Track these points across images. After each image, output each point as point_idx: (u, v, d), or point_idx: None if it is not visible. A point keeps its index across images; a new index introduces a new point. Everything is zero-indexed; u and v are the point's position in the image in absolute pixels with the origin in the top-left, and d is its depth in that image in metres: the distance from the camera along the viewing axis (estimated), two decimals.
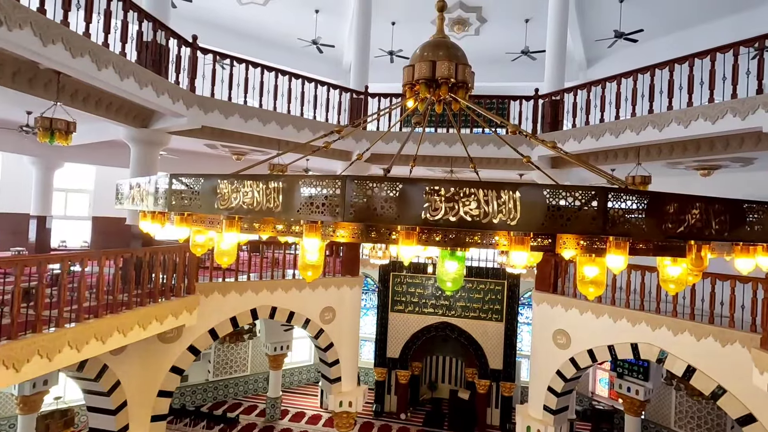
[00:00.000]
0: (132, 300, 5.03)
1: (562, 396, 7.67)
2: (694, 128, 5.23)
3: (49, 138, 4.36)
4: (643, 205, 1.35)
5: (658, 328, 6.26)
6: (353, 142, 7.92)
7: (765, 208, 1.51)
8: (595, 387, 12.82)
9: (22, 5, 3.47)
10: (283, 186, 1.43)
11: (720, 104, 5.04)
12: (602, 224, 1.30)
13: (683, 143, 6.10)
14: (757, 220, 1.51)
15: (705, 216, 1.42)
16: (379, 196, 1.33)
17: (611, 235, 1.37)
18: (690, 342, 5.91)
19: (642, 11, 9.24)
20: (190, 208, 1.65)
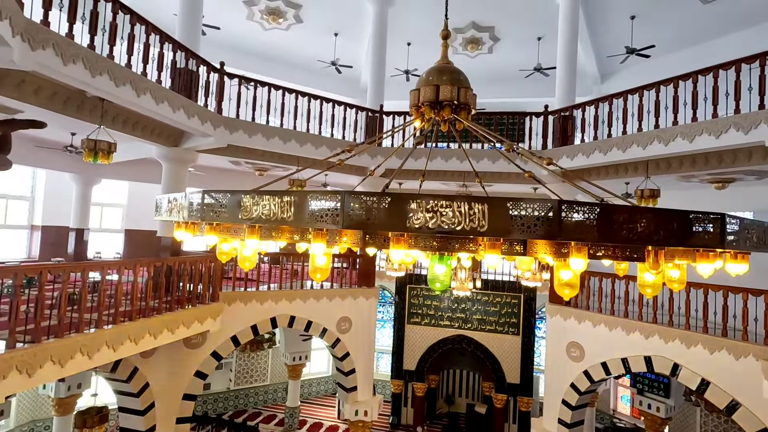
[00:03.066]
0: (162, 306, 5.44)
1: (576, 409, 7.66)
2: (699, 143, 5.35)
3: (92, 157, 4.85)
4: (594, 216, 1.59)
5: (671, 341, 6.26)
6: (368, 158, 8.27)
7: (710, 218, 1.72)
8: (617, 404, 12.56)
9: (76, 43, 3.98)
10: (295, 200, 1.74)
11: (723, 119, 5.16)
12: (558, 231, 1.55)
13: (692, 157, 6.19)
14: (704, 229, 1.72)
15: (653, 225, 1.64)
16: (372, 208, 1.62)
17: (566, 240, 1.61)
18: (703, 355, 5.90)
19: (653, 27, 9.38)
20: (218, 218, 1.97)
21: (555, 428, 7.72)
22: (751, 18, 8.65)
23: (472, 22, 10.43)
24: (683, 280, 2.22)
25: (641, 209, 1.65)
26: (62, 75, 3.90)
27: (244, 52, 11.55)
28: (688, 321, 6.22)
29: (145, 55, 5.12)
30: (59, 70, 3.83)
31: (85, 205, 10.04)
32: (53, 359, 3.83)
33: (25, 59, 3.49)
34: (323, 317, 8.46)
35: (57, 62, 3.78)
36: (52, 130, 6.95)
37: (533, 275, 5.27)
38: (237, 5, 10.04)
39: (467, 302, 12.18)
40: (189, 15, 7.25)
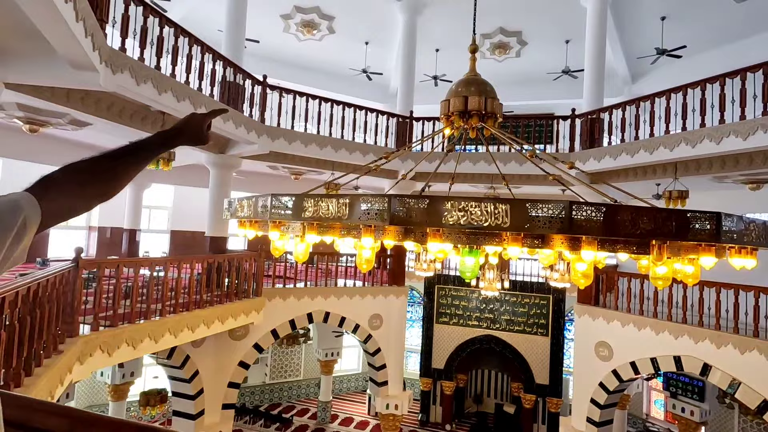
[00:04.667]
0: (213, 299, 5.99)
1: (605, 408, 7.74)
2: (726, 144, 5.42)
3: (155, 165, 5.45)
4: (600, 214, 1.90)
5: (700, 341, 6.30)
6: (399, 162, 8.64)
7: (706, 216, 1.98)
8: (650, 409, 12.38)
9: (146, 66, 4.55)
10: (349, 201, 2.13)
11: (750, 121, 5.22)
12: (569, 227, 1.87)
13: (721, 158, 6.22)
14: (701, 226, 1.99)
15: (653, 222, 1.93)
16: (413, 208, 1.99)
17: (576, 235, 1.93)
18: (734, 355, 5.93)
19: (684, 27, 9.32)
20: (284, 217, 2.39)
21: (584, 426, 7.83)
22: None
23: (499, 27, 10.64)
24: (697, 275, 2.47)
25: (642, 209, 1.94)
26: (135, 94, 4.48)
27: (280, 62, 12.19)
28: (718, 321, 6.25)
29: (200, 72, 5.69)
30: (133, 90, 4.40)
31: (137, 208, 10.89)
32: (128, 342, 4.39)
33: (108, 82, 4.07)
34: (356, 314, 8.88)
35: (132, 83, 4.35)
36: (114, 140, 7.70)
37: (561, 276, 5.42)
38: (274, 19, 10.65)
39: (495, 303, 12.32)
40: (234, 31, 7.85)
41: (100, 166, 0.90)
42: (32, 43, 3.32)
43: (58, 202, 0.82)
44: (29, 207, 0.73)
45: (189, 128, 1.10)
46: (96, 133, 7.13)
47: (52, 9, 2.66)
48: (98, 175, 0.90)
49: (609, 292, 8.07)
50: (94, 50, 3.62)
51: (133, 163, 0.97)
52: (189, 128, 1.10)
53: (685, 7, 9.00)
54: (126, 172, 0.95)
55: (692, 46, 9.39)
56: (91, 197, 0.91)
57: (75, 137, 7.56)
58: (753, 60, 7.15)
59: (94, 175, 0.89)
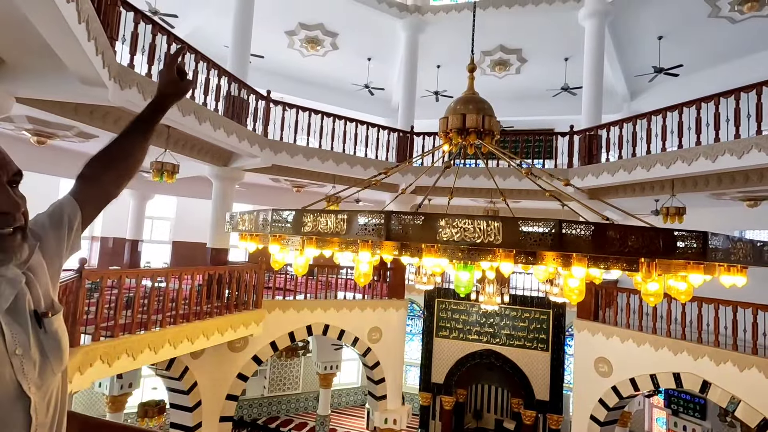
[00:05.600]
0: (213, 310, 6.03)
1: (606, 426, 7.69)
2: (722, 162, 5.50)
3: (159, 177, 5.55)
4: (589, 232, 1.96)
5: (700, 358, 6.30)
6: (400, 176, 8.74)
7: (693, 235, 2.05)
8: (652, 426, 12.24)
9: (153, 81, 4.68)
10: (347, 217, 2.20)
11: (745, 140, 5.31)
12: (559, 244, 1.94)
13: (717, 176, 6.30)
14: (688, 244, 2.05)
15: (641, 240, 1.99)
16: (409, 224, 2.06)
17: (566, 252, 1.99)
18: (733, 372, 5.92)
19: (681, 47, 9.50)
20: (284, 231, 2.46)
21: None
22: None
23: (499, 45, 10.85)
24: (689, 292, 2.52)
25: (630, 228, 2.00)
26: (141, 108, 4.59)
27: (284, 77, 12.41)
28: (717, 338, 6.25)
29: (205, 87, 5.83)
30: (140, 105, 4.52)
31: (139, 219, 10.99)
32: (128, 352, 4.43)
33: (117, 97, 4.19)
34: (355, 327, 8.88)
35: (139, 98, 4.47)
36: None
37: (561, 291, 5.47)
38: (279, 35, 10.89)
39: (495, 317, 12.28)
40: (239, 46, 8.04)
41: (114, 150, 1.08)
42: (44, 59, 3.45)
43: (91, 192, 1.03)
44: (68, 205, 0.97)
45: (164, 86, 1.20)
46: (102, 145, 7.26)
47: (65, 29, 2.78)
48: (114, 157, 1.07)
49: (608, 307, 8.07)
50: (103, 67, 3.75)
51: (140, 138, 1.13)
52: (164, 86, 1.20)
53: (681, 28, 9.19)
54: (136, 147, 1.11)
55: (689, 65, 9.55)
56: (116, 179, 1.09)
57: (81, 149, 7.70)
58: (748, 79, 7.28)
59: (111, 159, 1.07)
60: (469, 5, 10.20)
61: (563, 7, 9.52)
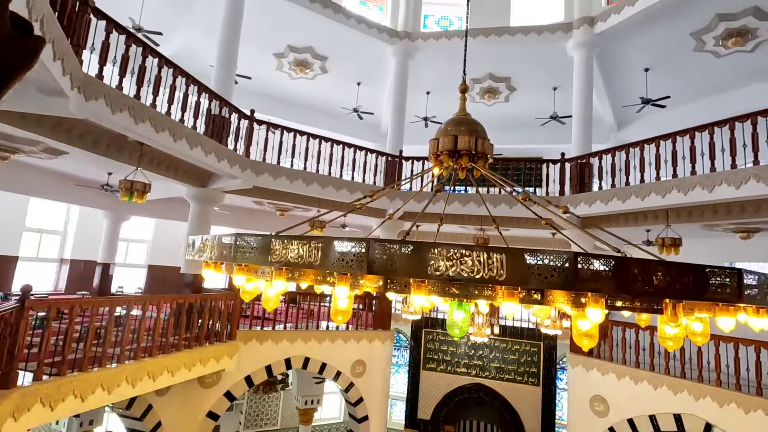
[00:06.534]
0: (181, 342, 5.51)
1: None
2: (719, 193, 5.34)
3: (128, 197, 5.15)
4: (609, 268, 1.65)
5: (701, 398, 5.95)
6: (387, 201, 8.46)
7: (726, 272, 1.75)
8: None
9: (124, 94, 4.36)
10: (322, 245, 1.85)
11: (742, 170, 5.17)
12: (574, 282, 1.62)
13: (713, 206, 6.15)
14: (720, 283, 1.75)
15: (669, 278, 1.69)
16: (395, 255, 1.72)
17: (582, 291, 1.67)
18: (737, 415, 5.57)
19: (667, 79, 9.60)
20: (248, 260, 2.10)
21: None
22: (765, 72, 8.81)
23: (489, 73, 10.88)
24: (707, 333, 2.21)
25: (656, 262, 1.70)
26: (110, 123, 4.25)
27: (272, 98, 12.23)
28: (719, 377, 5.93)
29: (183, 103, 5.53)
30: (108, 119, 4.18)
31: (113, 241, 10.42)
32: (75, 393, 3.90)
33: (80, 109, 3.84)
34: (338, 360, 8.35)
35: (106, 111, 4.13)
36: (90, 170, 7.41)
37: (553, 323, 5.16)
38: (268, 57, 10.76)
39: (485, 349, 11.84)
40: (224, 66, 7.82)
41: None
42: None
43: None
44: None
45: None
46: (72, 162, 6.86)
47: None
48: None
49: (603, 341, 7.74)
50: (64, 75, 3.42)
51: None
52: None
53: (668, 60, 9.31)
54: None
55: (675, 96, 9.64)
56: None
57: (50, 165, 7.26)
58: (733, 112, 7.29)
59: None
60: (459, 33, 10.26)
61: (552, 38, 9.61)
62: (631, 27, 8.67)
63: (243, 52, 9.14)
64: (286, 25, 9.66)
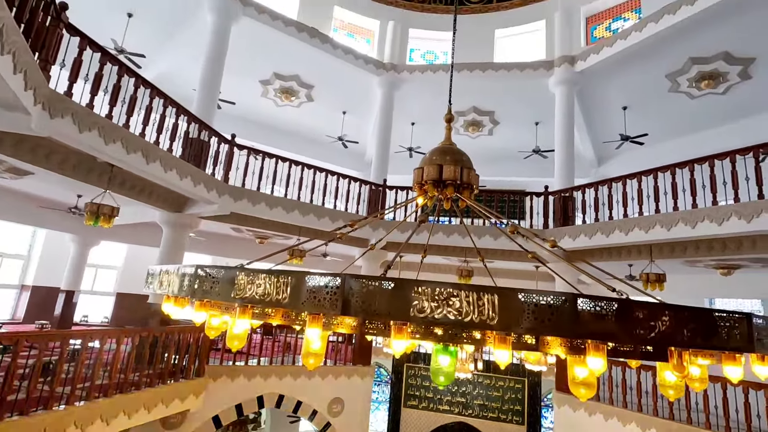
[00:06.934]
0: (142, 380, 5.07)
1: None
2: (701, 229, 5.34)
3: (94, 221, 4.83)
4: (612, 311, 1.48)
5: None
6: (370, 230, 8.27)
7: (735, 317, 1.60)
8: None
9: (94, 113, 4.14)
10: (292, 280, 1.64)
11: (724, 207, 5.20)
12: (573, 326, 1.44)
13: (695, 242, 6.15)
14: (729, 329, 1.60)
15: (674, 323, 1.53)
16: (374, 293, 1.52)
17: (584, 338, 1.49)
18: None
19: (645, 117, 9.90)
20: (210, 295, 1.86)
21: None
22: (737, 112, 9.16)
23: (473, 106, 11.05)
24: (705, 379, 2.05)
25: (662, 306, 1.54)
26: (76, 142, 4.01)
27: (256, 125, 12.13)
28: (708, 419, 5.75)
29: (160, 125, 5.33)
30: (74, 137, 3.94)
31: (79, 267, 9.87)
32: None
33: (43, 126, 3.61)
34: (314, 398, 7.88)
35: (73, 130, 3.90)
36: (58, 191, 7.04)
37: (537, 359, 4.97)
38: (253, 84, 10.72)
39: (468, 385, 11.45)
40: (207, 91, 7.71)
41: None
42: None
43: None
44: None
45: None
46: (38, 183, 6.51)
47: None
48: None
49: None
50: (26, 89, 3.20)
51: None
52: None
53: (644, 100, 9.61)
54: None
55: (653, 134, 9.91)
56: None
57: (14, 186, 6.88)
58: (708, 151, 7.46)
59: None
60: (444, 67, 10.45)
61: (534, 75, 9.86)
62: (609, 67, 8.96)
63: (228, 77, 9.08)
64: (273, 53, 9.68)
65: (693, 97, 9.21)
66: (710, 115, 9.49)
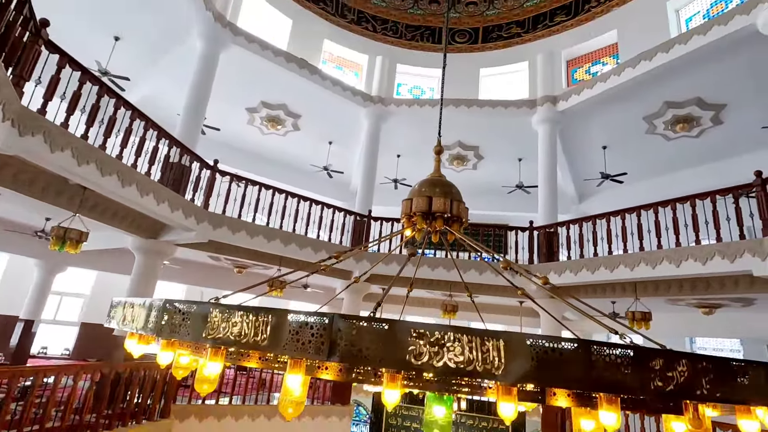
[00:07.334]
0: (99, 422, 4.61)
1: None
2: (686, 268, 5.36)
3: (59, 246, 4.52)
4: (627, 360, 1.35)
5: None
6: (354, 262, 8.07)
7: (754, 368, 1.49)
8: None
9: (69, 132, 3.94)
10: (272, 319, 1.46)
11: (707, 246, 5.24)
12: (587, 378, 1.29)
13: (679, 281, 6.16)
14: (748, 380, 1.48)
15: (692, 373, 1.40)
16: (365, 337, 1.35)
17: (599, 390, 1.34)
18: None
19: (623, 157, 10.19)
20: (178, 334, 1.65)
21: None
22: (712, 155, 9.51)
23: (458, 141, 11.22)
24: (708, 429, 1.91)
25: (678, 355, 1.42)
26: (47, 162, 3.79)
27: (240, 152, 11.99)
28: None
29: (139, 147, 5.13)
30: (45, 157, 3.72)
31: (42, 294, 9.27)
32: None
33: (11, 144, 3.39)
34: None
35: (44, 149, 3.68)
36: (24, 214, 6.67)
37: None
38: (240, 111, 10.67)
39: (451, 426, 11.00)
40: (192, 115, 7.59)
41: None
42: None
43: None
44: None
45: None
46: (3, 204, 6.15)
47: None
48: None
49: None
50: None
51: None
52: None
53: (623, 140, 9.93)
54: None
55: (632, 173, 10.17)
56: None
57: None
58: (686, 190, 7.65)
59: None
60: (431, 101, 10.64)
61: (517, 112, 10.11)
62: (590, 108, 9.26)
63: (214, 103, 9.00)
64: (261, 82, 9.69)
65: (669, 139, 9.55)
66: (685, 157, 9.83)
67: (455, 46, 11.18)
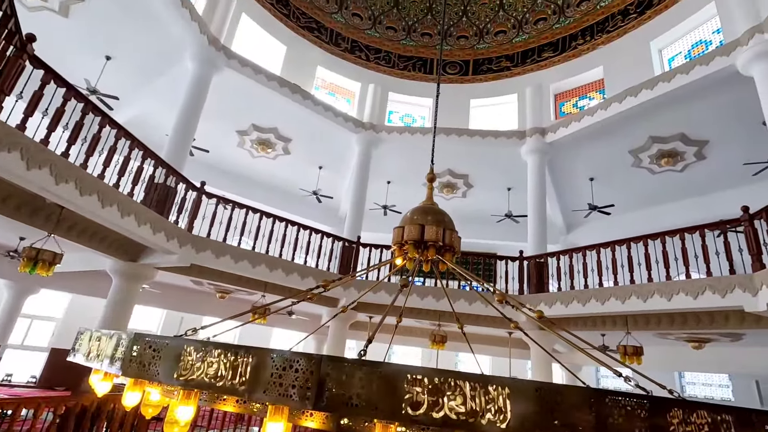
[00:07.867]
0: None
1: None
2: (677, 302, 5.31)
3: (30, 268, 4.28)
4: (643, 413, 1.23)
5: None
6: (341, 289, 7.87)
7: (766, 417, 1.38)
8: None
9: (48, 149, 3.79)
10: (252, 360, 1.31)
11: (698, 281, 5.22)
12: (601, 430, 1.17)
13: (670, 315, 6.11)
14: None
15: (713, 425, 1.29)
16: (356, 383, 1.21)
17: None
18: None
19: (610, 189, 10.33)
20: (146, 375, 1.48)
21: None
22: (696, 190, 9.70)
23: (448, 169, 11.27)
24: None
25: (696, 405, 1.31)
26: (23, 179, 3.61)
27: (228, 174, 11.86)
28: None
29: (123, 167, 4.98)
30: (20, 174, 3.55)
31: (10, 318, 8.81)
32: None
33: None
34: None
35: (20, 166, 3.51)
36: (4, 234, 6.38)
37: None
38: (230, 134, 10.60)
39: None
40: (181, 136, 7.48)
41: None
42: None
43: None
44: None
45: None
46: None
47: None
48: None
49: None
50: None
51: None
52: None
53: (610, 172, 10.08)
54: None
55: (619, 205, 10.30)
56: None
57: None
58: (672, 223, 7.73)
59: None
60: (422, 129, 10.73)
61: (507, 143, 10.24)
62: (577, 140, 9.43)
63: (204, 125, 8.92)
64: (253, 105, 9.68)
65: (654, 173, 9.73)
66: (670, 190, 10.00)
67: (446, 77, 11.41)
